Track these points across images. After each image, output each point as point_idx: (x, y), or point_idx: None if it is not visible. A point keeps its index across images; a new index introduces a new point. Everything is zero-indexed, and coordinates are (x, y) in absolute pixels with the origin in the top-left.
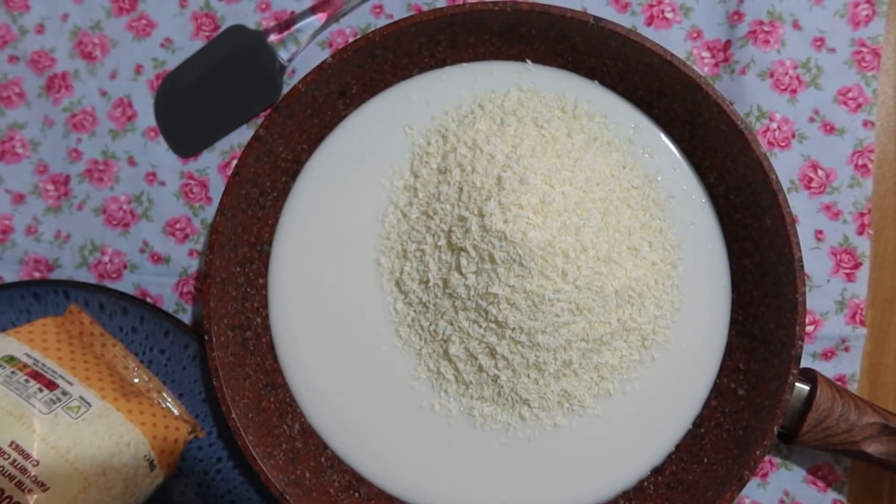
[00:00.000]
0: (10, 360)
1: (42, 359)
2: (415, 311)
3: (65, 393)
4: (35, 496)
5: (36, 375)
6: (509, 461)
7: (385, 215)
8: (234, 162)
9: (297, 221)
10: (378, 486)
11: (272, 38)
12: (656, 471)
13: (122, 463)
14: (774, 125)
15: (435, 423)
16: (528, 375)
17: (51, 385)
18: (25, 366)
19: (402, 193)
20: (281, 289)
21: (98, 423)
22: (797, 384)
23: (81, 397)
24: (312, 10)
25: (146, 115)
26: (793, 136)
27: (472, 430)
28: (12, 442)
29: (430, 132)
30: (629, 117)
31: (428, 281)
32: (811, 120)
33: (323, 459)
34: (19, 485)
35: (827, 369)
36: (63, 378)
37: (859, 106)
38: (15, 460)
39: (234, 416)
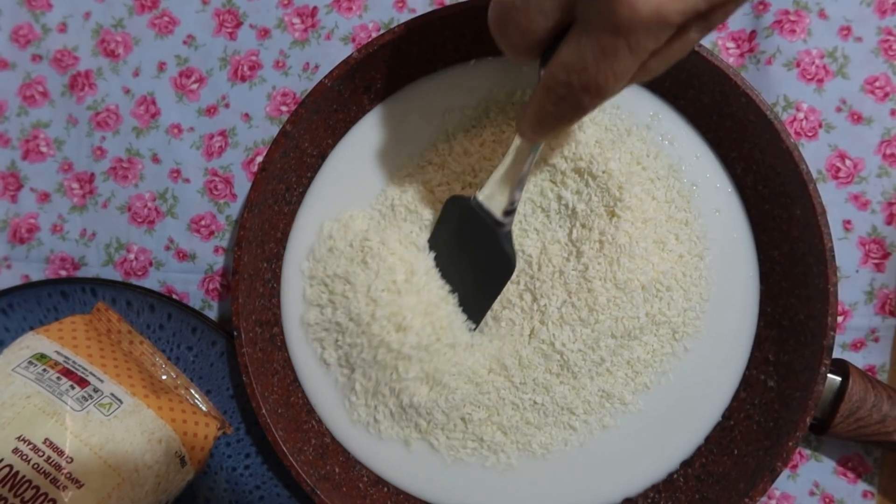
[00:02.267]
0: (42, 357)
1: (72, 356)
2: None
3: (96, 390)
4: (70, 493)
5: (67, 373)
6: (555, 468)
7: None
8: (258, 158)
9: (319, 216)
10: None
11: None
12: (685, 463)
13: (155, 459)
14: (801, 115)
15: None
16: (561, 382)
17: (82, 382)
18: (56, 363)
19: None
20: None
21: (129, 419)
22: (829, 375)
23: (112, 394)
24: None
25: (169, 113)
26: (820, 125)
27: (534, 460)
28: (46, 439)
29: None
30: (647, 105)
31: None
32: (838, 109)
33: (351, 454)
34: (54, 482)
35: (856, 360)
36: (94, 375)
37: (887, 95)
38: (49, 457)
39: (263, 411)
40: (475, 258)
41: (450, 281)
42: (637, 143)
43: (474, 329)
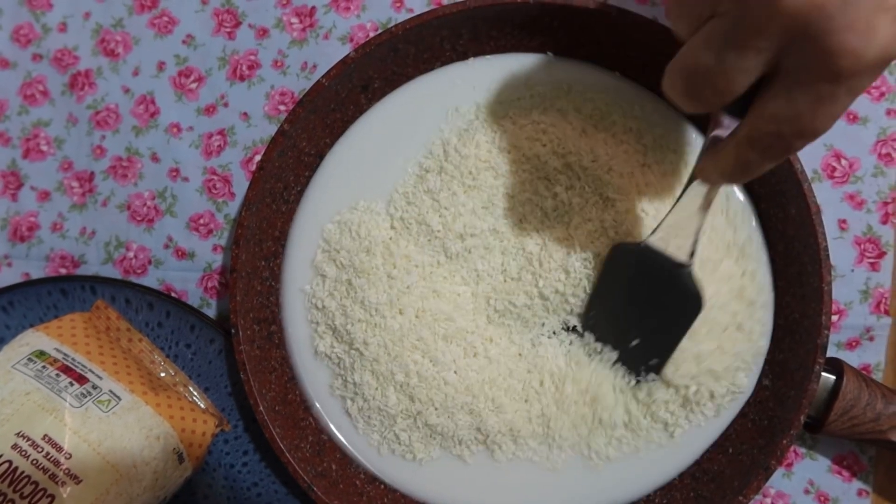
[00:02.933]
0: (41, 354)
1: (71, 353)
2: None
3: (95, 387)
4: (68, 489)
5: (66, 370)
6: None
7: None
8: (257, 157)
9: (317, 215)
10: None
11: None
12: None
13: (153, 456)
14: None
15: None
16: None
17: (81, 379)
18: (56, 360)
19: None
20: None
21: (128, 416)
22: (823, 374)
23: (111, 391)
24: None
25: (169, 112)
26: None
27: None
28: (45, 435)
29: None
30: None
31: None
32: None
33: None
34: (53, 477)
35: (851, 359)
36: (92, 372)
37: (882, 95)
38: (48, 453)
39: (261, 408)
40: (650, 303)
41: (617, 333)
42: (633, 144)
43: (657, 373)
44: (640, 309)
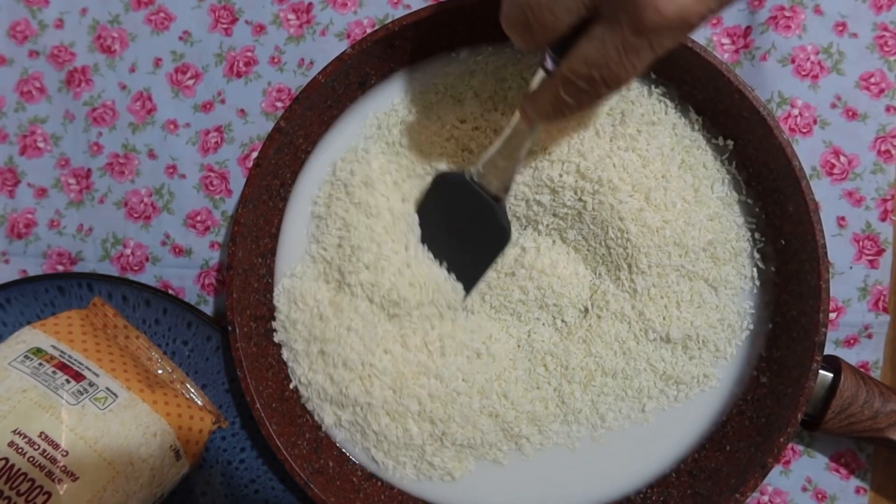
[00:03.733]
0: (38, 352)
1: (68, 350)
2: None
3: (91, 384)
4: (65, 486)
5: (63, 367)
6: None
7: None
8: (254, 154)
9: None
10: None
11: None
12: (678, 459)
13: (149, 453)
14: (796, 111)
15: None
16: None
17: (78, 376)
18: (52, 357)
19: None
20: None
21: (125, 413)
22: (821, 371)
23: (108, 388)
24: None
25: (165, 108)
26: (814, 122)
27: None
28: (41, 432)
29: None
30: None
31: None
32: (833, 106)
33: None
34: (49, 475)
35: (850, 356)
36: (89, 369)
37: (882, 91)
38: (45, 450)
39: (257, 406)
40: (466, 232)
41: (438, 255)
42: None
43: (465, 296)
44: (454, 238)
